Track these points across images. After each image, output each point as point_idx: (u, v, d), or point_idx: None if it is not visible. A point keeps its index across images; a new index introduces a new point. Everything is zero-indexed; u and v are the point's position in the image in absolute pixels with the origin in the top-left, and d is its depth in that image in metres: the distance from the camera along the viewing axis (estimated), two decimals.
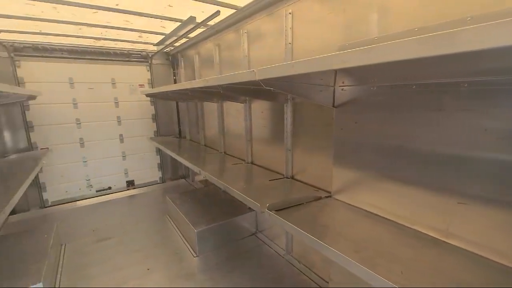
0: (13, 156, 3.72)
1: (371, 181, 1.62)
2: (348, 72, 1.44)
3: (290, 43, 2.19)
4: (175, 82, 4.95)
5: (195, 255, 2.72)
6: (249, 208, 3.03)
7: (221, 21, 2.92)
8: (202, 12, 2.70)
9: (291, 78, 1.41)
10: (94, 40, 3.97)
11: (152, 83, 4.75)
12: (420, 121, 1.34)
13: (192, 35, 3.49)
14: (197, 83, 2.23)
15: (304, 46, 2.10)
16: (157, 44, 4.19)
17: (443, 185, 1.28)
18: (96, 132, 4.37)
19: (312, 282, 2.29)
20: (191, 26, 2.97)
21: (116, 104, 4.48)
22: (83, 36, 3.70)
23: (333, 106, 1.77)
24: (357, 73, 1.47)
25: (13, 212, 3.86)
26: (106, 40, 4.00)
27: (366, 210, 1.66)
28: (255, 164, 2.92)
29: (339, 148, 1.81)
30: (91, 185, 4.44)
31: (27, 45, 3.72)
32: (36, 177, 3.96)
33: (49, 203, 4.14)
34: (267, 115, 2.66)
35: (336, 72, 1.41)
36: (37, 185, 4.02)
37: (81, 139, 4.26)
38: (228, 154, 3.49)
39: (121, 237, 3.14)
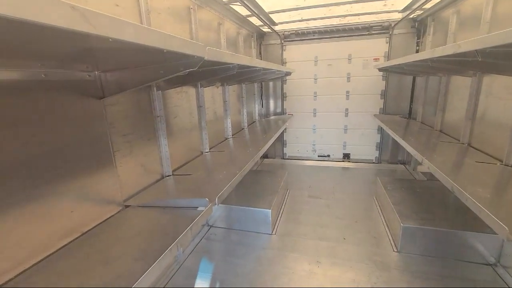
0: (272, 117, 5.17)
1: None
2: None
3: None
4: (417, 52, 4.25)
5: (395, 250, 2.45)
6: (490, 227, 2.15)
7: None
8: None
9: None
10: (340, 18, 4.27)
11: (388, 56, 4.42)
12: None
13: None
14: (442, 51, 1.75)
15: None
16: (403, 10, 3.72)
17: None
18: (326, 104, 4.92)
19: None
20: None
21: (348, 79, 4.69)
22: (331, 16, 4.10)
23: None
24: None
25: (267, 157, 5.51)
26: (351, 16, 4.16)
27: None
28: None
29: None
30: (315, 150, 5.22)
31: (292, 32, 4.75)
32: (282, 135, 5.27)
33: (286, 156, 5.43)
34: None
35: None
36: (282, 141, 5.36)
37: (314, 109, 5.01)
38: (473, 148, 2.59)
39: (329, 201, 3.49)
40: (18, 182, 1.10)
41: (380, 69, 4.19)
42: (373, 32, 4.41)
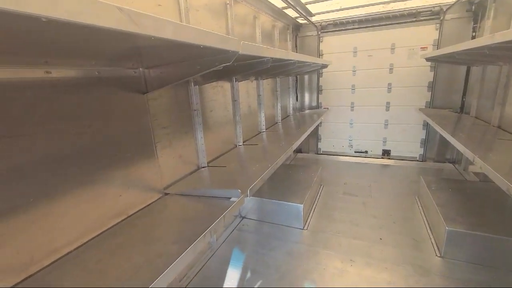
0: (307, 111, 5.07)
1: None
2: None
3: None
4: (473, 39, 3.80)
5: (438, 255, 2.27)
6: None
7: None
8: None
9: None
10: (383, 5, 4.00)
11: (438, 44, 4.02)
12: None
13: None
14: (502, 36, 1.55)
15: None
16: None
17: None
18: (365, 98, 4.67)
19: None
20: None
21: (390, 70, 4.39)
22: (374, 4, 3.85)
23: None
24: None
25: (300, 151, 5.44)
26: (395, 2, 3.86)
27: None
28: None
29: None
30: (351, 145, 5.01)
31: (329, 22, 4.57)
32: (316, 129, 5.15)
33: (321, 151, 5.30)
34: None
35: None
36: (316, 136, 5.24)
37: (352, 103, 4.79)
38: None
39: (365, 199, 3.34)
40: (75, 168, 1.26)
41: (427, 59, 3.84)
42: (421, 18, 4.04)
